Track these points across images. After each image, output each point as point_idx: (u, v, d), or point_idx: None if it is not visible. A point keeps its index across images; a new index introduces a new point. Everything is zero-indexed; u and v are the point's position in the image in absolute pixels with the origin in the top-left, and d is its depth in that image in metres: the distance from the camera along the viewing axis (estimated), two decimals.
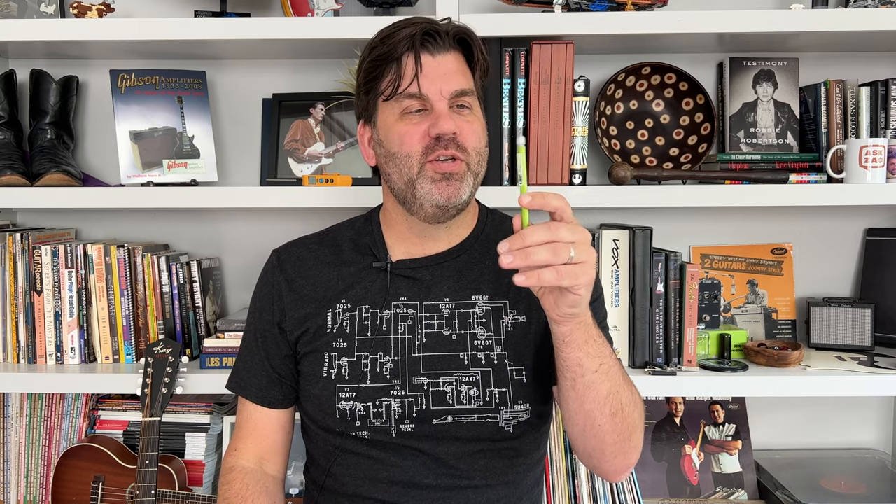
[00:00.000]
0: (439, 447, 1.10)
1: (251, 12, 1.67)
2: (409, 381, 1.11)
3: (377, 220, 1.22)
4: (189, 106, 1.66)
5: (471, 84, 1.12)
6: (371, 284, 1.17)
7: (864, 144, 1.52)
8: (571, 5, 1.54)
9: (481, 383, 1.11)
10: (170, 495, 1.53)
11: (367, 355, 1.13)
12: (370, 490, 1.12)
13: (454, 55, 1.11)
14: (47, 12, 1.64)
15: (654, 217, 1.74)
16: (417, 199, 1.09)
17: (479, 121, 1.12)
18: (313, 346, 1.15)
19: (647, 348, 1.55)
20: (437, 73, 1.08)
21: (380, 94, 1.11)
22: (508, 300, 1.16)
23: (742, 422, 1.73)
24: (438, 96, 1.08)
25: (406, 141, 1.08)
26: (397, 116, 1.10)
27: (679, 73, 1.67)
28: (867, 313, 1.66)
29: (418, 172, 1.08)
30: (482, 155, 1.12)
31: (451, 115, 1.08)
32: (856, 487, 1.61)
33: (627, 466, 1.10)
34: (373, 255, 1.19)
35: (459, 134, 1.08)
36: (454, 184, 1.08)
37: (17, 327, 1.61)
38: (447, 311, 1.14)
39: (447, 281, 1.16)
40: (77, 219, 1.83)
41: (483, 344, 1.13)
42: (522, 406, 1.12)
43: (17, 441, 1.71)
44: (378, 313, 1.15)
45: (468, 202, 1.12)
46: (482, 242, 1.20)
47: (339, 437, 1.13)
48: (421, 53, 1.08)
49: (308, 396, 1.16)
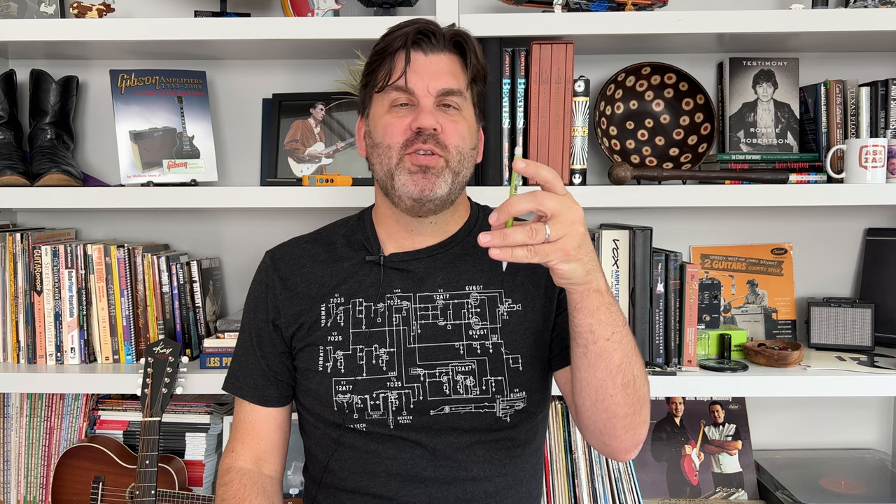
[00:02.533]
0: (437, 438, 1.11)
1: (251, 12, 1.67)
2: (406, 372, 1.12)
3: (369, 217, 1.24)
4: (189, 106, 1.66)
5: (460, 85, 1.13)
6: (364, 278, 1.18)
7: (864, 144, 1.52)
8: (571, 5, 1.54)
9: (477, 372, 1.12)
10: (170, 495, 1.53)
11: (362, 348, 1.13)
12: (368, 484, 1.12)
13: (448, 56, 1.13)
14: (47, 12, 1.64)
15: (654, 217, 1.74)
16: (396, 191, 1.11)
17: (465, 122, 1.13)
18: (308, 341, 1.16)
19: (647, 348, 1.55)
20: (426, 70, 1.11)
21: (374, 87, 1.14)
22: (504, 289, 1.17)
23: (742, 422, 1.73)
24: (425, 92, 1.10)
25: (389, 132, 1.11)
26: (386, 109, 1.13)
27: (679, 73, 1.67)
28: (867, 313, 1.66)
29: (397, 164, 1.10)
30: (464, 155, 1.13)
31: (434, 112, 1.10)
32: (856, 487, 1.61)
33: (637, 444, 1.08)
34: (366, 250, 1.20)
35: (441, 131, 1.10)
36: (430, 178, 1.09)
37: (17, 327, 1.61)
38: (441, 302, 1.15)
39: (440, 272, 1.17)
40: (77, 219, 1.83)
41: (478, 333, 1.14)
42: (519, 394, 1.13)
43: (17, 441, 1.71)
44: (372, 306, 1.16)
45: (446, 198, 1.12)
46: (475, 235, 1.21)
47: (337, 429, 1.14)
48: (413, 50, 1.11)
49: (305, 391, 1.17)
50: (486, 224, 1.22)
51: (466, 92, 1.14)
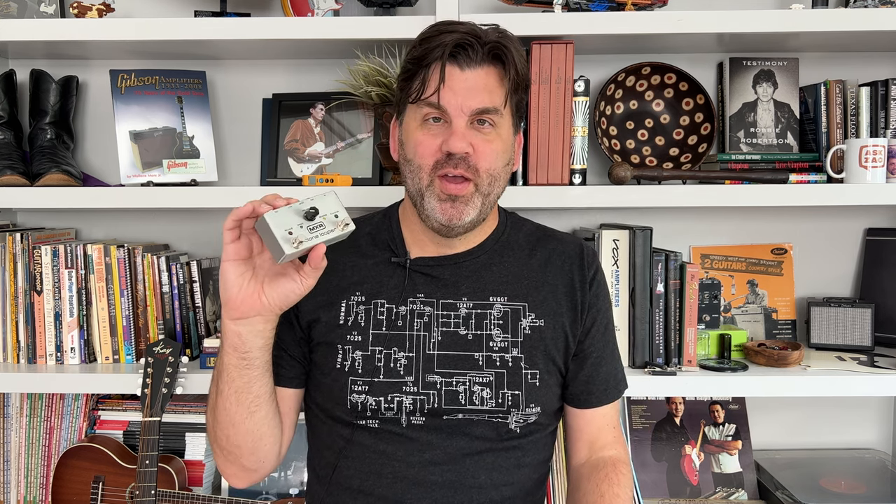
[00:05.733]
0: (448, 441, 1.11)
1: (251, 12, 1.67)
2: (423, 378, 1.11)
3: (396, 217, 1.23)
4: (189, 106, 1.67)
5: (498, 102, 1.09)
6: (388, 279, 1.17)
7: (864, 144, 1.52)
8: (571, 5, 1.54)
9: (495, 385, 1.11)
10: (170, 495, 1.53)
11: (381, 350, 1.13)
12: (375, 485, 1.12)
13: (486, 70, 1.09)
14: (47, 12, 1.64)
15: (654, 217, 1.74)
16: (425, 211, 1.11)
17: (500, 139, 1.11)
18: (327, 339, 1.15)
19: (647, 348, 1.55)
20: (462, 86, 1.07)
21: (408, 96, 1.11)
22: (528, 303, 1.16)
23: (742, 422, 1.73)
24: (458, 111, 1.07)
25: (420, 151, 1.09)
26: (419, 122, 1.10)
27: (679, 73, 1.67)
28: (867, 313, 1.66)
29: (427, 185, 1.10)
30: (495, 176, 1.11)
31: (466, 133, 1.07)
32: (856, 487, 1.61)
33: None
34: (391, 251, 1.19)
35: (473, 154, 1.08)
36: (458, 206, 1.09)
37: (17, 327, 1.61)
38: (464, 311, 1.15)
39: (466, 281, 1.16)
40: (77, 219, 1.83)
41: (499, 346, 1.13)
42: (534, 409, 1.13)
43: (17, 441, 1.71)
44: (394, 308, 1.15)
45: (476, 221, 1.12)
46: (502, 244, 1.21)
47: (348, 427, 1.13)
48: (449, 65, 1.07)
49: (319, 386, 1.17)
50: (514, 232, 1.23)
51: (504, 108, 1.11)
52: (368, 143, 1.69)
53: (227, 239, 1.01)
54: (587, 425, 1.22)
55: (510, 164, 1.15)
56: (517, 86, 1.12)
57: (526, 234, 1.24)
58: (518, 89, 1.13)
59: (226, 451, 1.13)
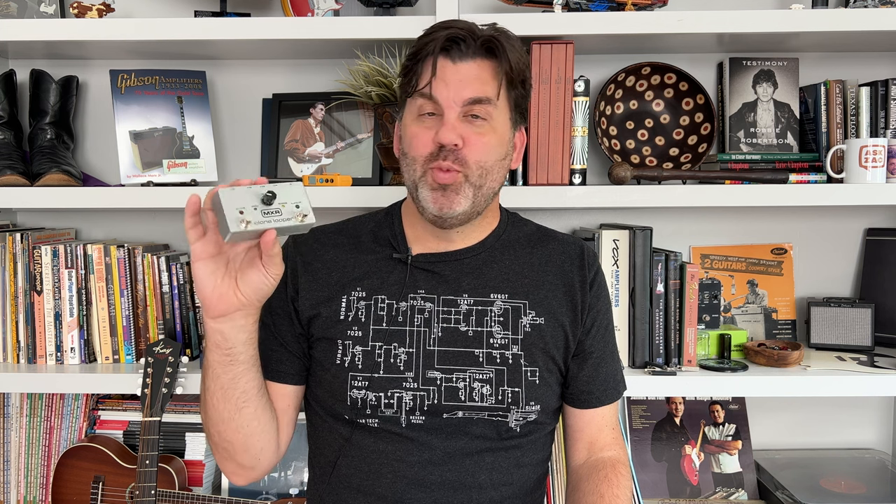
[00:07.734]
0: (447, 441, 1.11)
1: (251, 12, 1.67)
2: (423, 374, 1.12)
3: (398, 213, 1.23)
4: (189, 106, 1.67)
5: (490, 92, 1.09)
6: (388, 275, 1.17)
7: (864, 144, 1.52)
8: (571, 5, 1.54)
9: (495, 381, 1.12)
10: (170, 495, 1.53)
11: (381, 345, 1.13)
12: (374, 485, 1.12)
13: (479, 63, 1.10)
14: (47, 12, 1.64)
15: (654, 217, 1.74)
16: (420, 202, 1.12)
17: (493, 133, 1.11)
18: (327, 334, 1.15)
19: (647, 348, 1.55)
20: (454, 78, 1.08)
21: (405, 92, 1.13)
22: (528, 300, 1.17)
23: (742, 422, 1.73)
24: (450, 103, 1.08)
25: (414, 144, 1.11)
26: (414, 116, 1.12)
27: (679, 73, 1.67)
28: (867, 313, 1.66)
29: (420, 177, 1.10)
30: (487, 168, 1.10)
31: (456, 125, 1.08)
32: (856, 487, 1.61)
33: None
34: (392, 247, 1.19)
35: (464, 146, 1.08)
36: (449, 195, 1.09)
37: (17, 327, 1.61)
38: (465, 308, 1.15)
39: (467, 277, 1.17)
40: (77, 219, 1.83)
41: (499, 342, 1.14)
42: (534, 407, 1.13)
43: (17, 441, 1.71)
44: (395, 304, 1.15)
45: (469, 212, 1.12)
46: (503, 242, 1.21)
47: (348, 426, 1.13)
48: (441, 58, 1.09)
49: (319, 382, 1.17)
50: (515, 231, 1.23)
51: (498, 100, 1.10)
52: (368, 143, 1.69)
53: (192, 238, 1.00)
54: (587, 426, 1.22)
55: (507, 159, 1.15)
56: (512, 80, 1.12)
57: (527, 233, 1.24)
58: (514, 84, 1.12)
59: (220, 448, 1.14)
